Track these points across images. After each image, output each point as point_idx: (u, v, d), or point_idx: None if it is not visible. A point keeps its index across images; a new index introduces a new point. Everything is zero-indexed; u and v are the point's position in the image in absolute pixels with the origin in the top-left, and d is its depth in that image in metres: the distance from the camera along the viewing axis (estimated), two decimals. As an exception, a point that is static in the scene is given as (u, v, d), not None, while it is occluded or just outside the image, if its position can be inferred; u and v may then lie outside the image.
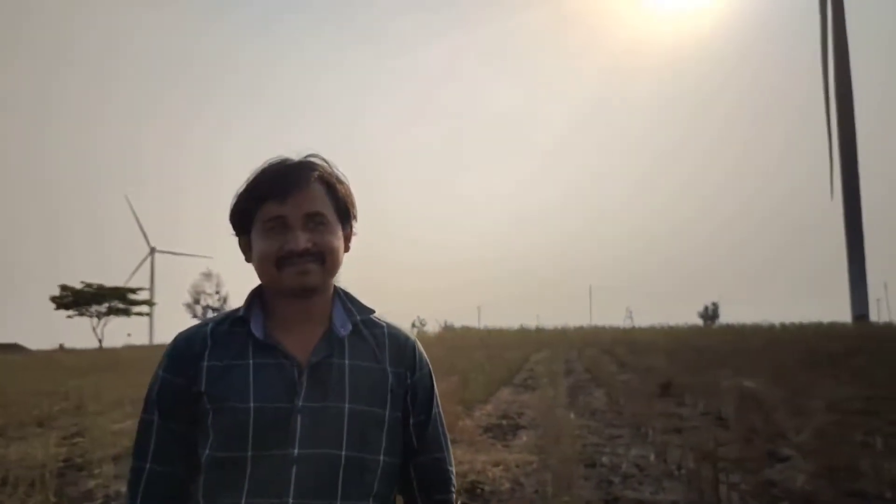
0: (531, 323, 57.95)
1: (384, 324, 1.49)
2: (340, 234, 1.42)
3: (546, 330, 44.09)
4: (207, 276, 77.59)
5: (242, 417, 1.29)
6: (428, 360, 1.53)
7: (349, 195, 1.45)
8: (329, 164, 1.44)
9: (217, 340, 1.38)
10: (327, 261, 1.38)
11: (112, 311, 64.75)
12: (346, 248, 1.45)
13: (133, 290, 67.01)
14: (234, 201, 1.42)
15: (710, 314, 75.76)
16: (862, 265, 46.84)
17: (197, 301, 76.87)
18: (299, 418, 1.31)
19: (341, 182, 1.44)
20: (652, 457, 6.75)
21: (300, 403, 1.32)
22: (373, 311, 1.49)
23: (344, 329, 1.41)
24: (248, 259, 1.44)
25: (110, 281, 65.79)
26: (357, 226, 1.49)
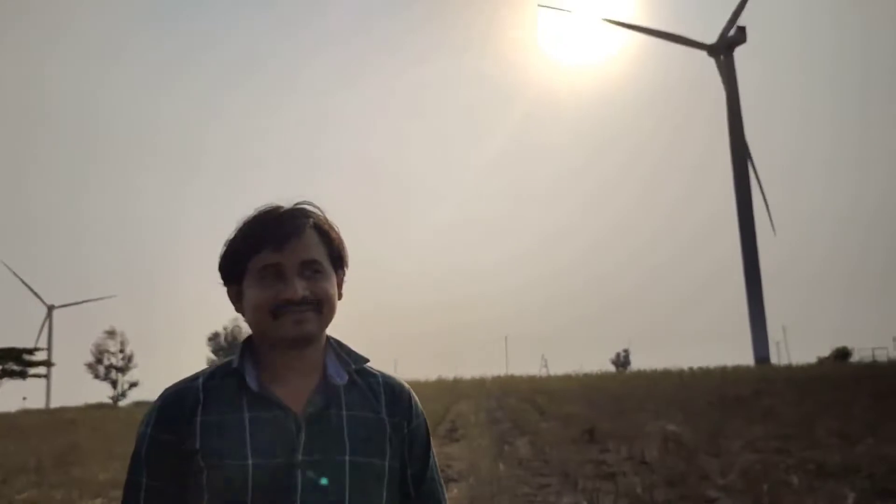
0: (448, 374, 57.75)
1: (378, 373, 1.46)
2: (335, 281, 1.39)
3: (464, 380, 44.05)
4: (111, 334, 73.97)
5: (240, 475, 1.23)
6: (422, 410, 1.50)
7: (342, 242, 1.42)
8: (322, 212, 1.40)
9: (209, 394, 1.32)
10: (324, 309, 1.34)
11: (6, 374, 60.83)
12: (339, 296, 1.41)
13: (30, 351, 63.28)
14: (226, 249, 1.38)
15: (622, 361, 77.62)
16: (761, 311, 49.16)
17: (99, 361, 73.01)
18: (299, 473, 1.25)
19: (334, 229, 1.41)
20: (584, 504, 6.81)
21: (300, 458, 1.26)
22: (367, 360, 1.44)
23: (340, 378, 1.37)
24: (237, 309, 1.39)
25: (5, 341, 62.09)
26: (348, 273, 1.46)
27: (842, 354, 52.18)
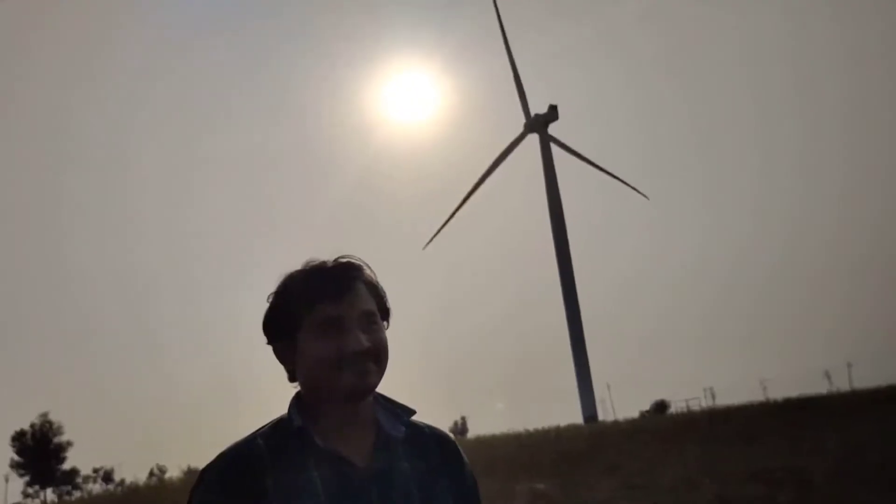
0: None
1: (423, 424, 1.49)
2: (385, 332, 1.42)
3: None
4: None
5: None
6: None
7: (385, 294, 1.45)
8: (367, 265, 1.44)
9: (275, 454, 1.30)
10: (382, 360, 1.37)
11: None
12: None
13: None
14: (276, 304, 1.40)
15: (460, 429, 78.72)
16: (587, 372, 51.59)
17: None
18: None
19: (379, 282, 1.45)
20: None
21: None
22: (414, 412, 1.46)
23: (397, 431, 1.39)
24: (287, 365, 1.41)
25: None
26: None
27: (661, 407, 56.10)
